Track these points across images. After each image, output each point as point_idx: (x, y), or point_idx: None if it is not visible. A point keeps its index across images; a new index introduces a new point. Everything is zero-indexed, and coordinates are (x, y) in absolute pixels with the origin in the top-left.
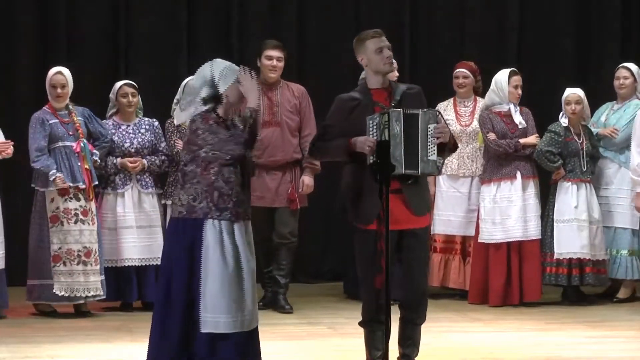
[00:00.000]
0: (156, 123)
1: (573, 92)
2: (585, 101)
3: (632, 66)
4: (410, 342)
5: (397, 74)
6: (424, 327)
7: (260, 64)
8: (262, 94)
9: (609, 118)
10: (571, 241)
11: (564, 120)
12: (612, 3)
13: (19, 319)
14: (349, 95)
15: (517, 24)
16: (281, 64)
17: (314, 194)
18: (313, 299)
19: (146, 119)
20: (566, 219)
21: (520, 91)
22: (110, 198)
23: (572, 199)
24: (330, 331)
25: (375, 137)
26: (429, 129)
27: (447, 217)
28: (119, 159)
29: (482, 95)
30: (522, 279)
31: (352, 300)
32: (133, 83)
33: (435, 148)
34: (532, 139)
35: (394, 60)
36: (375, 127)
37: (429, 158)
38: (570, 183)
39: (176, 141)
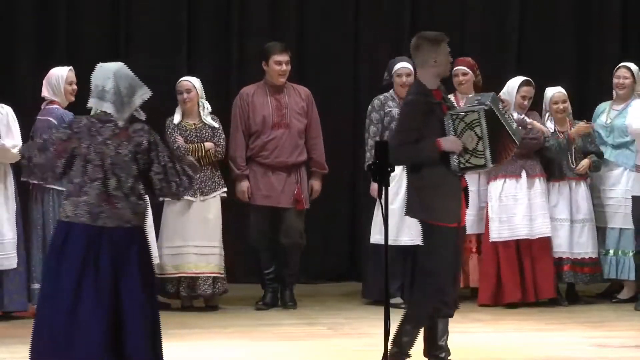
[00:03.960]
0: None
1: (558, 92)
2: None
3: (633, 66)
4: (446, 336)
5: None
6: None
7: (268, 68)
8: (269, 96)
9: (613, 120)
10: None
11: (550, 125)
12: (612, 3)
13: (19, 319)
14: (422, 99)
15: (517, 24)
16: (289, 68)
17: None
18: (313, 299)
19: None
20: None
21: (527, 103)
22: None
23: (549, 198)
24: (330, 332)
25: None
26: (500, 107)
27: None
28: None
29: (482, 90)
30: (535, 276)
31: (372, 305)
32: None
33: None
34: (542, 127)
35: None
36: (452, 126)
37: (515, 128)
38: (551, 183)
39: (177, 137)
